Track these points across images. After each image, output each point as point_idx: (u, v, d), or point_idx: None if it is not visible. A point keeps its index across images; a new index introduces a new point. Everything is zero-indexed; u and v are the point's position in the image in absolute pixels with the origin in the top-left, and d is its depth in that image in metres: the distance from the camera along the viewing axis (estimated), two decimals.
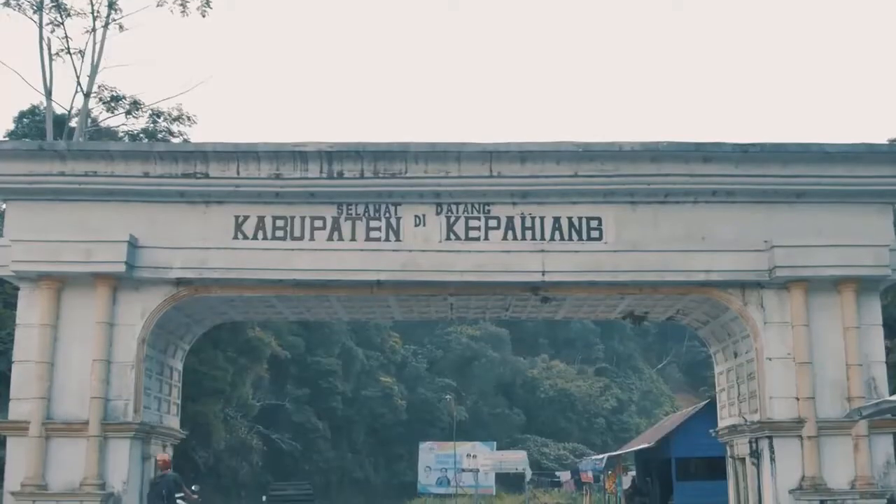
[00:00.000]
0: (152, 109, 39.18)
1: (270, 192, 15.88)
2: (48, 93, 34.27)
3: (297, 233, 15.93)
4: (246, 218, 15.99)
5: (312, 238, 15.92)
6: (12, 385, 15.54)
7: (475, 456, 53.48)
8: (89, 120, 36.90)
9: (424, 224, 15.99)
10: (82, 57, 34.99)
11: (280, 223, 15.95)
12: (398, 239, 15.93)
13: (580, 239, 15.96)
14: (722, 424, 18.07)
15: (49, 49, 34.36)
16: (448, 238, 15.94)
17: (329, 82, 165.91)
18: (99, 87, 36.77)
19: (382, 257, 15.81)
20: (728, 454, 17.83)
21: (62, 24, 34.94)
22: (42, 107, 38.90)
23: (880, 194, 16.13)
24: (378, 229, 15.96)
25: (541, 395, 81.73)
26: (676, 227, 16.03)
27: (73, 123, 36.36)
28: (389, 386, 69.38)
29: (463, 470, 52.98)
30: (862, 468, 15.33)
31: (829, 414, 15.53)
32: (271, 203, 15.98)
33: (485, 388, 77.86)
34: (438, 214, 16.03)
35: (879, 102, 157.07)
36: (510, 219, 16.00)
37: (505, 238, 15.95)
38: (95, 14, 34.99)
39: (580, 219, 16.03)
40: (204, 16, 37.13)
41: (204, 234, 15.89)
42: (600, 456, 46.53)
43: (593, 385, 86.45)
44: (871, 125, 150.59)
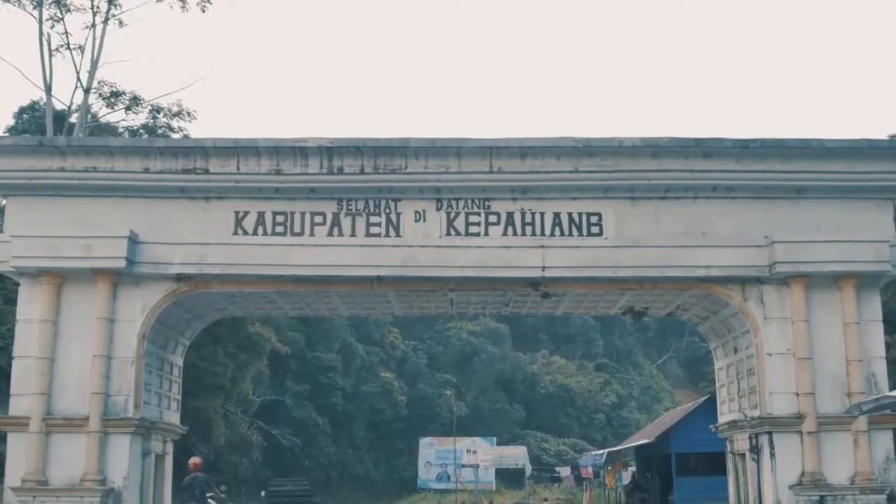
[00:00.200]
0: (152, 105, 39.18)
1: (270, 188, 15.87)
2: (48, 88, 34.25)
3: (297, 228, 15.92)
4: (246, 213, 15.98)
5: (312, 233, 15.91)
6: (12, 381, 15.53)
7: (475, 451, 53.52)
8: (89, 115, 36.87)
9: (424, 219, 15.98)
10: (82, 52, 34.99)
11: (280, 219, 15.94)
12: (398, 234, 15.91)
13: (580, 234, 15.94)
14: (722, 420, 18.07)
15: (49, 45, 34.34)
16: (448, 233, 15.93)
17: (329, 78, 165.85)
18: (99, 83, 36.75)
19: (382, 253, 15.79)
20: (728, 450, 17.83)
21: (62, 20, 34.90)
22: (42, 102, 38.83)
23: (880, 190, 16.12)
24: (378, 225, 15.94)
25: (541, 391, 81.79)
26: (676, 223, 16.02)
27: (73, 119, 36.31)
28: (389, 381, 69.44)
29: (463, 465, 53.01)
30: (862, 464, 15.33)
31: (829, 409, 15.53)
32: (271, 198, 15.97)
33: (485, 384, 77.91)
34: (438, 210, 16.02)
35: (880, 98, 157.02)
36: (510, 214, 15.99)
37: (505, 233, 15.93)
38: (95, 10, 34.98)
39: (580, 214, 16.02)
40: (204, 11, 37.03)
41: (204, 230, 15.88)
42: (600, 451, 46.54)
43: (593, 381, 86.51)
44: (872, 121, 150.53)
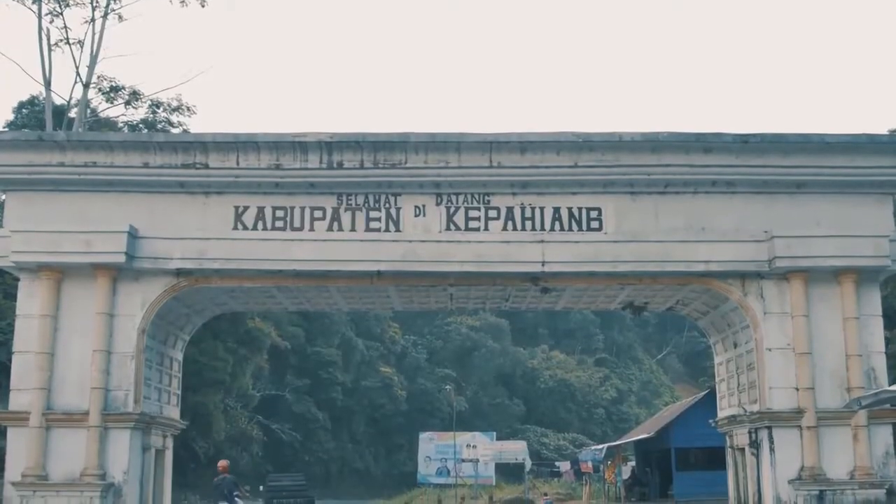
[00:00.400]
0: (152, 100, 39.24)
1: (270, 183, 15.85)
2: (47, 83, 34.19)
3: (297, 223, 15.92)
4: (246, 208, 15.97)
5: (312, 228, 15.90)
6: (12, 375, 15.54)
7: (475, 446, 53.52)
8: (89, 110, 36.85)
9: (424, 214, 15.98)
10: (81, 47, 34.94)
11: (280, 213, 15.94)
12: (398, 229, 15.91)
13: (580, 229, 15.94)
14: (721, 415, 18.08)
15: (48, 39, 34.29)
16: (448, 228, 15.92)
17: (329, 73, 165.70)
18: (98, 78, 36.73)
19: (382, 248, 15.79)
20: (727, 444, 17.84)
21: (61, 15, 34.84)
22: (41, 97, 38.86)
23: (880, 185, 16.11)
24: (378, 220, 15.94)
25: (540, 386, 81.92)
26: (676, 218, 16.02)
27: (73, 114, 36.29)
28: (389, 376, 69.56)
29: (463, 460, 53.02)
30: (861, 458, 15.35)
31: (829, 404, 15.55)
32: (271, 193, 15.96)
33: (485, 379, 78.02)
34: (438, 205, 16.01)
35: (880, 93, 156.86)
36: (510, 209, 15.99)
37: (505, 228, 15.93)
38: (94, 4, 34.94)
39: (580, 209, 16.01)
40: (203, 6, 37.05)
41: (204, 225, 15.87)
42: (600, 446, 46.65)
43: (593, 375, 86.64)
44: (872, 115, 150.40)
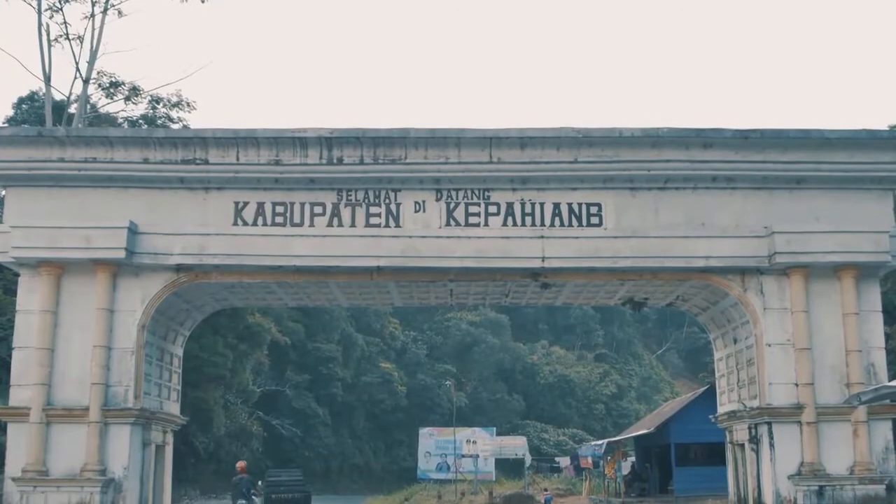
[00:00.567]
0: (151, 95, 39.14)
1: (270, 178, 15.86)
2: (47, 79, 34.13)
3: (297, 219, 15.93)
4: (245, 204, 15.98)
5: (312, 224, 15.91)
6: (12, 371, 15.58)
7: (475, 441, 53.49)
8: (88, 106, 36.79)
9: (424, 210, 15.99)
10: (81, 43, 34.83)
11: (280, 209, 15.95)
12: (398, 225, 15.92)
13: (580, 225, 15.96)
14: (721, 410, 18.11)
15: (48, 35, 34.17)
16: (448, 224, 15.94)
17: (329, 68, 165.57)
18: (98, 73, 36.67)
19: (382, 243, 15.80)
20: (727, 440, 17.88)
21: (61, 10, 34.72)
22: (41, 93, 38.78)
23: (880, 180, 16.12)
24: (378, 215, 15.95)
25: (540, 381, 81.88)
26: (676, 214, 16.03)
27: (73, 109, 36.25)
28: (389, 372, 69.53)
29: (462, 455, 53.01)
30: (861, 454, 15.38)
31: (829, 400, 15.58)
32: (271, 189, 15.97)
33: (484, 374, 78.01)
34: (438, 200, 16.02)
35: (880, 89, 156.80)
36: (510, 205, 15.99)
37: (505, 224, 15.94)
38: None
39: (580, 205, 16.03)
40: (203, 1, 37.08)
41: (203, 221, 15.88)
42: (600, 442, 46.60)
43: (593, 371, 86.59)
44: (872, 111, 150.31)
